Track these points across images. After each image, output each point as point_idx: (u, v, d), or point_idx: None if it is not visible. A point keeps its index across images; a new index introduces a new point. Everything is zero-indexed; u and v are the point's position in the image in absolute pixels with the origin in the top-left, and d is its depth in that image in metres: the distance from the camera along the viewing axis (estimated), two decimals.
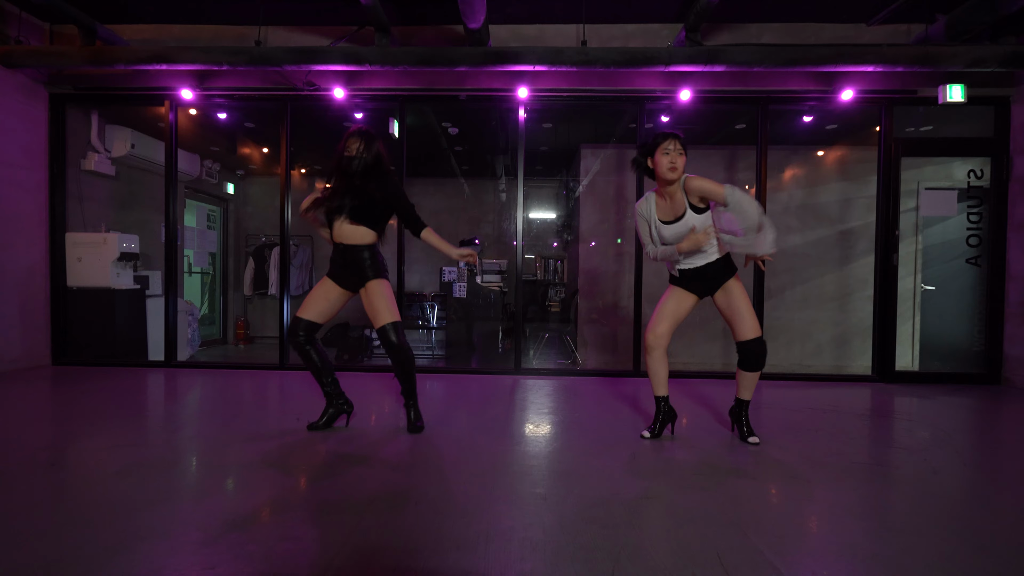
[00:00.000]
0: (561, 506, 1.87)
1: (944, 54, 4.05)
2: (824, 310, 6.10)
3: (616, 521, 1.74)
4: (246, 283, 7.65)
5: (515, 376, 4.73)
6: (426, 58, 4.23)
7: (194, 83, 4.71)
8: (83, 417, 3.09)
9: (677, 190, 2.65)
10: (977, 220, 4.69)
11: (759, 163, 4.73)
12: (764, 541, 1.62)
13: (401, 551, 1.51)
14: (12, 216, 4.49)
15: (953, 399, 3.97)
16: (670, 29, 4.61)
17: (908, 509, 1.94)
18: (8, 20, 4.39)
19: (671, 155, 2.59)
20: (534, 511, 1.82)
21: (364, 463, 2.32)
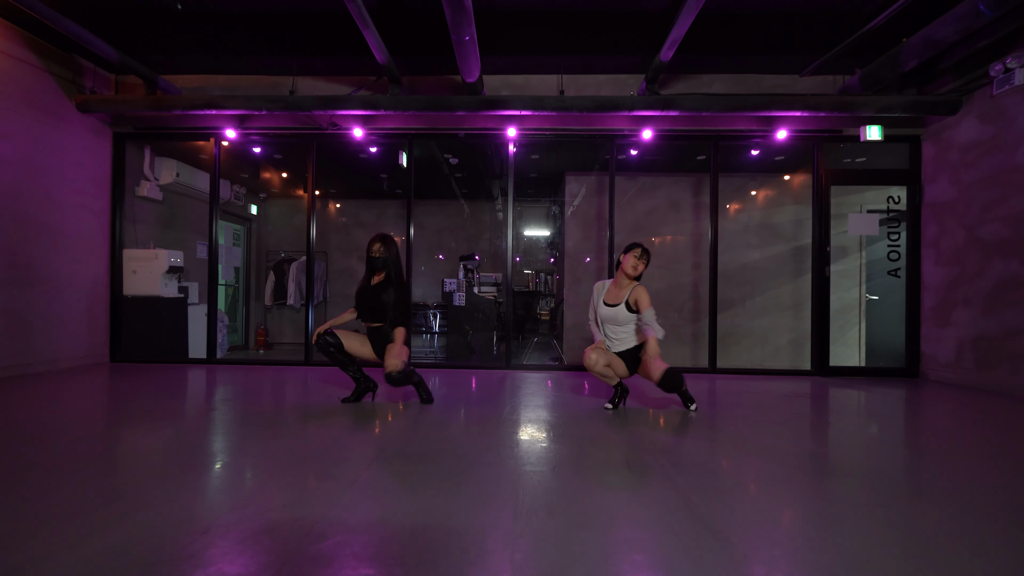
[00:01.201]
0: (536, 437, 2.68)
1: (858, 102, 4.92)
2: (781, 317, 6.91)
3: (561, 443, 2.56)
4: (267, 294, 8.49)
5: (506, 371, 5.53)
6: (431, 104, 5.12)
7: (236, 124, 5.60)
8: (193, 396, 3.91)
9: (628, 286, 3.50)
10: (896, 239, 5.51)
11: (712, 190, 5.59)
12: (664, 457, 2.43)
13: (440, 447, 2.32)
14: (84, 236, 5.35)
15: (871, 388, 4.76)
16: (635, 79, 5.50)
17: (804, 450, 2.75)
18: (84, 73, 5.29)
19: (634, 260, 3.47)
20: (517, 443, 2.63)
21: (400, 420, 3.14)
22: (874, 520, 1.79)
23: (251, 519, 1.70)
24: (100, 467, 2.24)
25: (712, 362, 5.61)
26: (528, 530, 1.66)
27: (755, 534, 1.66)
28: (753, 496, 2.01)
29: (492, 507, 1.84)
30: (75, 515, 1.71)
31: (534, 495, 1.96)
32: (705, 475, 2.23)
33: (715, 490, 2.05)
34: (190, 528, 1.62)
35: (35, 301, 4.80)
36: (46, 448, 2.49)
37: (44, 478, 2.08)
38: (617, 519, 1.76)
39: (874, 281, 6.71)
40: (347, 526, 1.65)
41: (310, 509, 1.79)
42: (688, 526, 1.70)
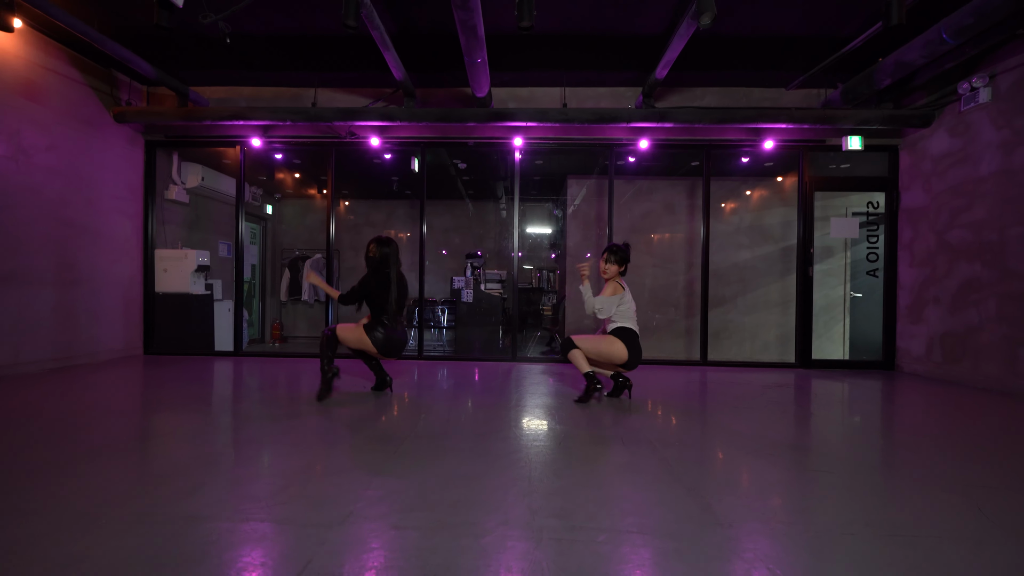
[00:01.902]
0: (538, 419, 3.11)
1: (839, 115, 5.32)
2: (770, 314, 7.33)
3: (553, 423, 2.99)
4: (282, 290, 8.92)
5: (512, 363, 5.96)
6: (443, 116, 5.52)
7: (260, 133, 6.00)
8: (242, 379, 4.34)
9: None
10: (875, 241, 5.93)
11: (704, 195, 6.01)
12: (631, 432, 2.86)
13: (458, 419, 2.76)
14: (120, 238, 5.77)
15: (849, 379, 5.19)
16: (632, 91, 5.89)
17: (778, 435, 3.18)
18: (120, 86, 5.69)
19: (603, 264, 3.90)
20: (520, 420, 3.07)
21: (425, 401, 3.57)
22: (822, 484, 2.22)
23: (332, 472, 2.13)
24: (188, 440, 2.67)
25: (703, 355, 6.03)
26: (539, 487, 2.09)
27: (721, 492, 2.09)
28: (722, 463, 2.45)
29: (508, 471, 2.27)
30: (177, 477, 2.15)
31: (543, 463, 2.39)
32: (685, 449, 2.66)
33: (692, 460, 2.48)
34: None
35: (79, 299, 5.22)
36: (120, 433, 2.92)
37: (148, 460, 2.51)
38: (612, 480, 2.19)
39: (858, 280, 7.13)
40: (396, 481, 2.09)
41: (365, 469, 2.22)
42: (668, 486, 2.14)
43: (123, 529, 1.68)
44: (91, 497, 1.93)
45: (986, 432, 3.15)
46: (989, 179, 4.68)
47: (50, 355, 4.89)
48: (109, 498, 1.92)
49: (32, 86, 4.69)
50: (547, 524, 1.76)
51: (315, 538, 1.63)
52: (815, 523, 1.82)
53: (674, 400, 3.98)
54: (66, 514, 1.78)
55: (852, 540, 1.70)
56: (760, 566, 1.52)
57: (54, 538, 1.61)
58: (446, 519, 1.78)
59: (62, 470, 2.22)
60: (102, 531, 1.66)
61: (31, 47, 4.67)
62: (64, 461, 2.33)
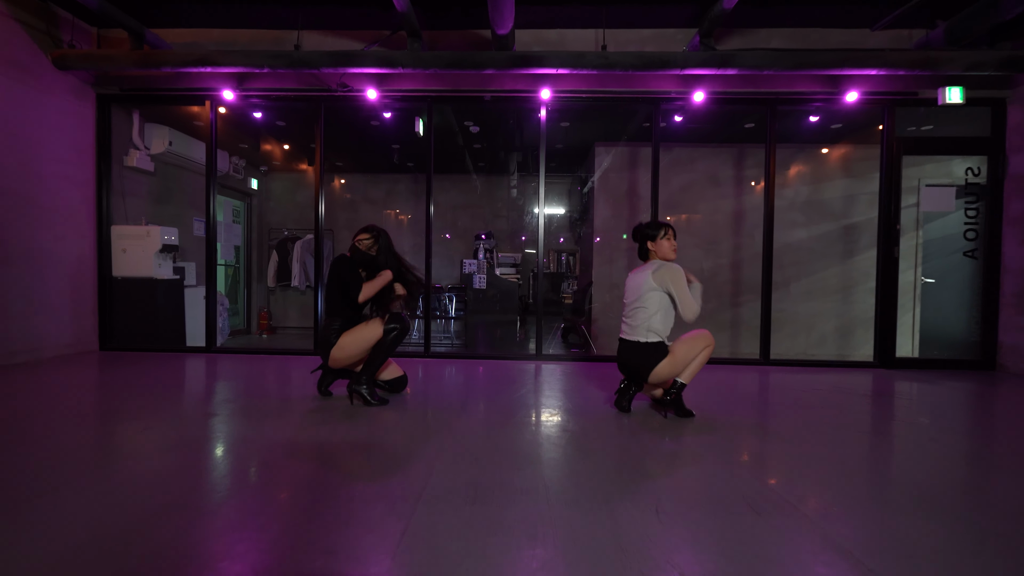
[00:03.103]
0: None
1: (943, 58, 4.31)
2: (828, 302, 6.37)
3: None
4: (269, 275, 7.95)
5: (536, 362, 5.01)
6: (455, 61, 4.51)
7: (234, 84, 4.99)
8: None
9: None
10: (974, 215, 4.95)
11: (768, 161, 5.01)
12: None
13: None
14: (64, 209, 4.78)
15: (951, 383, 4.24)
16: (684, 34, 4.87)
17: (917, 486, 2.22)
18: (61, 25, 4.67)
19: (673, 242, 3.01)
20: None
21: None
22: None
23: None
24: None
25: (764, 352, 5.08)
26: None
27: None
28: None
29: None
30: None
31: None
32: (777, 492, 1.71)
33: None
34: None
35: (10, 283, 4.25)
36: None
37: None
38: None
39: (931, 263, 6.15)
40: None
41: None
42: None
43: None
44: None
45: None
46: None
47: None
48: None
49: None
50: None
51: None
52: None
53: (754, 418, 3.03)
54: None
55: None
56: None
57: None
58: None
59: None
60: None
61: None
62: None
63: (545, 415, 2.99)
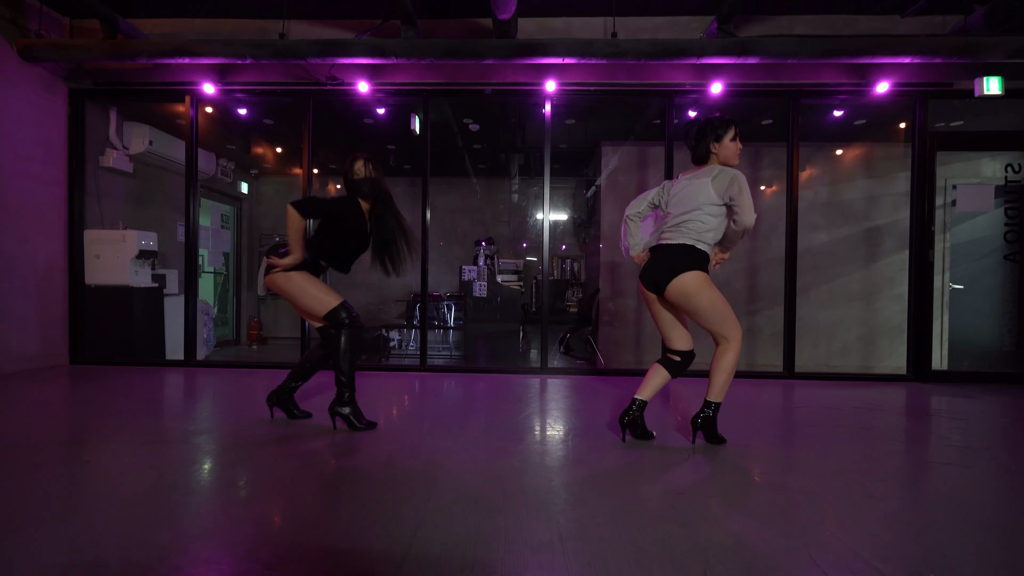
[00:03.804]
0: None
1: (985, 44, 3.95)
2: (850, 309, 5.99)
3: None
4: (260, 283, 7.55)
5: (539, 375, 4.63)
6: (453, 50, 4.15)
7: (216, 77, 4.65)
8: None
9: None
10: (1015, 215, 4.58)
11: (790, 158, 4.65)
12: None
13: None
14: (30, 211, 4.42)
15: (991, 398, 3.86)
16: (699, 21, 4.53)
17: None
18: (29, 14, 4.33)
19: (738, 142, 2.58)
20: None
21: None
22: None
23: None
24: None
25: (789, 365, 4.69)
26: None
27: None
28: None
29: None
30: None
31: None
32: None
33: None
34: None
35: None
36: None
37: None
38: None
39: (958, 268, 5.79)
40: None
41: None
42: None
43: None
44: None
45: None
46: None
47: None
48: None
49: None
50: None
51: None
52: None
53: (777, 440, 2.65)
54: None
55: None
56: None
57: None
58: None
59: None
60: None
61: None
62: None
63: (551, 435, 2.61)
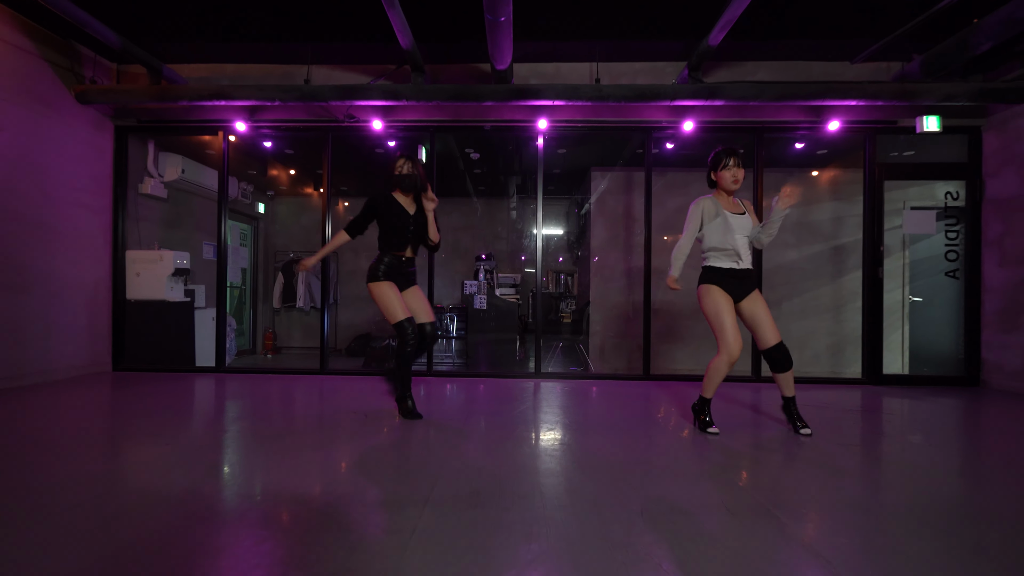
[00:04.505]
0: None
1: (920, 90, 4.55)
2: (820, 320, 6.55)
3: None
4: (275, 296, 8.13)
5: (535, 380, 5.17)
6: (457, 94, 4.75)
7: (246, 116, 5.24)
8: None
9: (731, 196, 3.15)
10: (954, 237, 5.15)
11: (756, 186, 5.22)
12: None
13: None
14: (82, 236, 4.99)
15: (936, 399, 4.40)
16: (674, 67, 5.13)
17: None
18: (84, 62, 4.93)
19: (732, 170, 3.07)
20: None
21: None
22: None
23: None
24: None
25: (755, 369, 5.24)
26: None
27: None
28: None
29: None
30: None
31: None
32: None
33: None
34: None
35: (29, 307, 4.44)
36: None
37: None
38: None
39: (918, 282, 6.35)
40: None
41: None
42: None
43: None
44: None
45: None
46: None
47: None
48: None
49: None
50: None
51: None
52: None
53: (758, 432, 3.19)
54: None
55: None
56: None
57: None
58: None
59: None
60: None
61: None
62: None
63: (544, 432, 3.16)
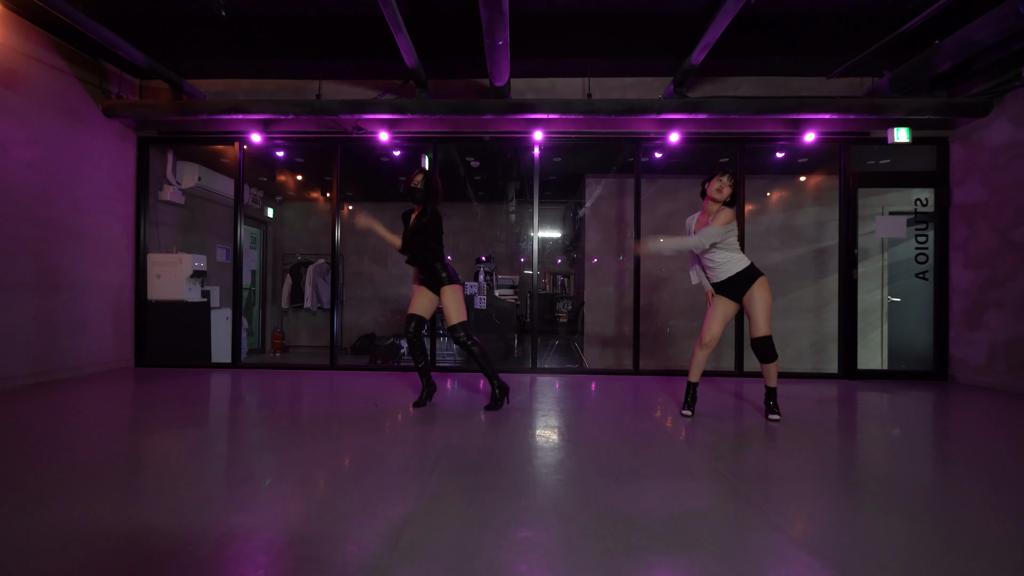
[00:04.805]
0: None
1: (888, 104, 4.90)
2: (803, 320, 6.90)
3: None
4: (284, 297, 8.48)
5: (531, 374, 5.51)
6: (458, 108, 5.10)
7: (260, 128, 5.59)
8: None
9: (715, 211, 3.46)
10: (924, 241, 5.49)
11: (739, 194, 5.56)
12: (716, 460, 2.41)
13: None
14: (108, 241, 5.34)
15: (902, 391, 4.73)
16: (661, 81, 5.48)
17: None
18: (110, 78, 5.28)
19: (718, 183, 3.43)
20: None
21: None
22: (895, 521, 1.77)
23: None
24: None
25: (739, 365, 5.58)
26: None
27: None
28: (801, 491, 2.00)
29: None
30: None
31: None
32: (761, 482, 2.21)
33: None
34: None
35: (60, 307, 4.78)
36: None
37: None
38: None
39: (896, 283, 6.69)
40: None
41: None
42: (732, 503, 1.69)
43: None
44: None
45: None
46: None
47: (28, 369, 4.44)
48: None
49: (11, 74, 4.27)
50: None
51: None
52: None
53: (733, 418, 3.53)
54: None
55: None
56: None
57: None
58: None
59: (38, 501, 1.78)
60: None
61: (9, 31, 4.26)
62: (39, 491, 1.89)
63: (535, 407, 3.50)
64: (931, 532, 1.77)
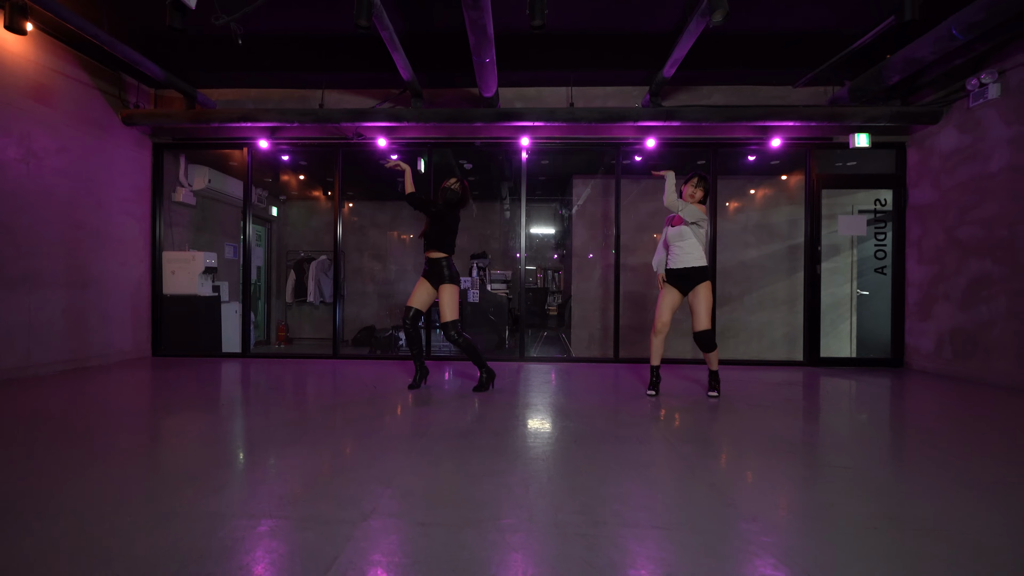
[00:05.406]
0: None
1: (847, 113, 5.32)
2: (776, 312, 7.32)
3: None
4: (288, 292, 8.92)
5: (520, 363, 5.96)
6: (451, 117, 5.53)
7: (268, 135, 6.01)
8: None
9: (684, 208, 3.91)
10: (883, 239, 5.92)
11: (712, 194, 5.99)
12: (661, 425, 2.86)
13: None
14: (128, 240, 5.78)
15: (858, 376, 5.18)
16: (639, 90, 5.89)
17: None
18: (128, 89, 5.70)
19: (691, 188, 4.00)
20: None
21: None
22: (844, 480, 2.22)
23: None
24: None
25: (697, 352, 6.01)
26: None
27: (742, 488, 2.09)
28: (745, 461, 2.45)
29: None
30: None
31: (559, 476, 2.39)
32: (703, 444, 2.66)
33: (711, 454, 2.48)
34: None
35: (90, 301, 5.22)
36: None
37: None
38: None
39: (865, 277, 7.12)
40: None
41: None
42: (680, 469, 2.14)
43: (148, 528, 1.68)
44: (112, 498, 1.93)
45: (1000, 429, 3.15)
46: (999, 175, 4.67)
47: (61, 357, 4.89)
48: (132, 498, 1.93)
49: (42, 89, 4.70)
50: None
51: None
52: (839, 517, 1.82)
53: (689, 397, 3.98)
54: (89, 515, 1.78)
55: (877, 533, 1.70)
56: (784, 558, 1.52)
57: (79, 540, 1.61)
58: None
59: (82, 471, 2.22)
60: (127, 531, 1.66)
61: (40, 50, 4.68)
62: (82, 463, 2.33)
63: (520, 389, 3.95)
64: (810, 472, 2.22)
